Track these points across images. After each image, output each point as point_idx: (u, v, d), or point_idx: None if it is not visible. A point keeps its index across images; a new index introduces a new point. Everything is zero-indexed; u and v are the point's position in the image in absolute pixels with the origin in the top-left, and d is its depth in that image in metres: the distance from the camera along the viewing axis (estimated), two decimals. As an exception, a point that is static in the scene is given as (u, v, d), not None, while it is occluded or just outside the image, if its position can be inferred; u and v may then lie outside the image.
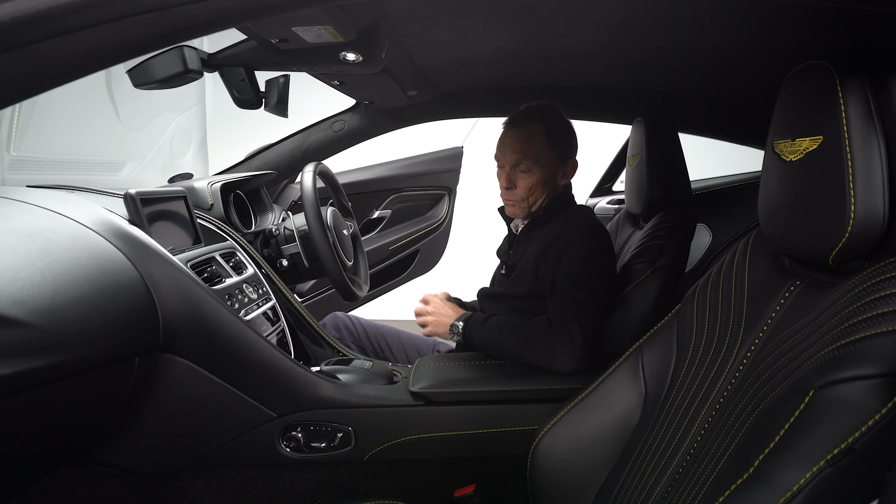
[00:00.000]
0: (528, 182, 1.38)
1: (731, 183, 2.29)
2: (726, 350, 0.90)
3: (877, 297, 0.65)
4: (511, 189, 1.40)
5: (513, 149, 1.38)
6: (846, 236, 0.71)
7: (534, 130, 1.38)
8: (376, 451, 1.21)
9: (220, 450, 1.16)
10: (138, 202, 1.13)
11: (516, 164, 1.39)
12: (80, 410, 0.92)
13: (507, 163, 1.40)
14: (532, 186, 1.38)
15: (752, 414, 0.76)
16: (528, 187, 1.39)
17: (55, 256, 0.85)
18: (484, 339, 1.32)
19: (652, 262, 1.41)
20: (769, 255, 0.92)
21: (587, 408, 1.06)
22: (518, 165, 1.38)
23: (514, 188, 1.40)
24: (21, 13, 0.46)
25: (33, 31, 0.47)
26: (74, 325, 0.81)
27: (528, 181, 1.38)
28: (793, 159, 0.78)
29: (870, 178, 0.70)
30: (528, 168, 1.38)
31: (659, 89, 1.74)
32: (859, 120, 0.70)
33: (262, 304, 1.34)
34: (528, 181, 1.38)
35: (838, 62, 0.73)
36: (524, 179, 1.38)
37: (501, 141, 1.42)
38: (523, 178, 1.39)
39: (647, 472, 0.93)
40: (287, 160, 1.96)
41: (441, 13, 1.13)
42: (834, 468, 0.59)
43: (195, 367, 1.06)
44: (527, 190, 1.39)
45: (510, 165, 1.40)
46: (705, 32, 1.19)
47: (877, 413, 0.59)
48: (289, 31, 1.01)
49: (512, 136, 1.40)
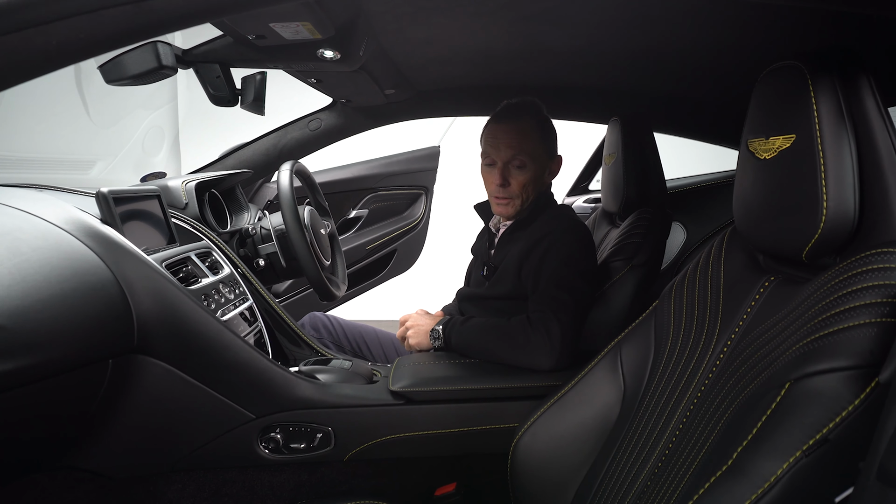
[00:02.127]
0: (523, 178, 1.36)
1: (704, 182, 2.34)
2: (703, 345, 0.91)
3: (848, 291, 0.67)
4: (505, 186, 1.37)
5: (508, 144, 1.35)
6: (819, 232, 0.72)
7: (527, 125, 1.36)
8: (356, 450, 1.20)
9: (197, 452, 1.14)
10: (111, 201, 1.10)
11: (510, 160, 1.36)
12: (53, 414, 0.89)
13: (501, 158, 1.36)
14: (526, 183, 1.36)
15: (729, 408, 0.77)
16: (522, 183, 1.36)
17: (24, 256, 0.83)
18: (463, 340, 1.31)
19: (629, 259, 1.43)
20: (744, 251, 0.94)
21: (567, 405, 1.06)
22: (513, 161, 1.36)
23: (507, 185, 1.37)
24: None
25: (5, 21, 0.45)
26: (46, 327, 0.79)
27: (522, 177, 1.36)
28: (766, 157, 0.80)
29: (841, 175, 0.71)
30: (523, 163, 1.35)
31: (635, 89, 1.76)
32: (831, 118, 0.72)
33: (238, 305, 1.32)
34: (523, 177, 1.36)
35: (810, 61, 0.74)
36: (519, 175, 1.36)
37: (493, 136, 1.38)
38: (518, 173, 1.36)
39: (626, 468, 0.94)
40: (263, 159, 1.94)
41: (418, 10, 1.13)
42: (810, 458, 0.60)
43: (171, 369, 1.04)
44: (521, 186, 1.37)
45: (504, 161, 1.36)
46: (680, 33, 1.21)
47: (850, 404, 0.61)
48: (266, 28, 1.00)
49: (505, 132, 1.36)
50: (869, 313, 0.64)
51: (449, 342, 1.34)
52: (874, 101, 0.72)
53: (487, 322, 1.31)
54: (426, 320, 1.42)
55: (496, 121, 1.40)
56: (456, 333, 1.32)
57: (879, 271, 0.66)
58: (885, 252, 0.67)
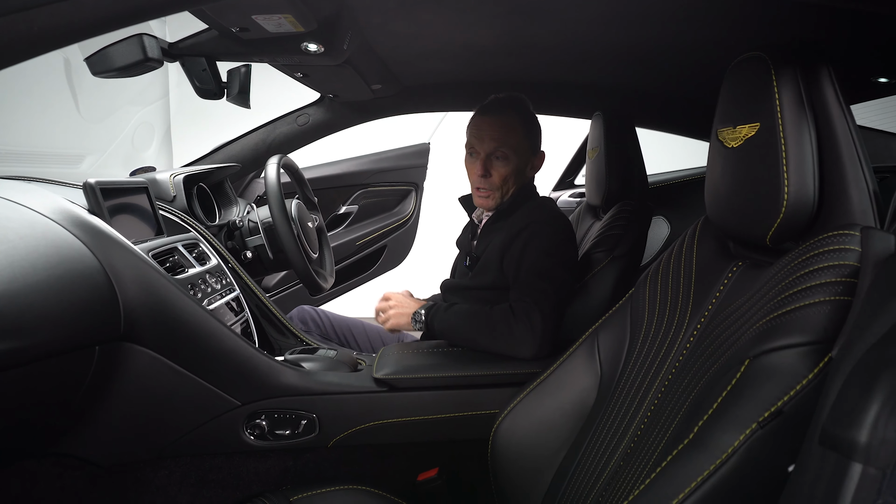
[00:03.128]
0: (505, 170, 1.40)
1: (689, 176, 2.37)
2: (675, 329, 0.94)
3: (805, 272, 0.70)
4: (486, 177, 1.40)
5: (491, 136, 1.39)
6: (780, 217, 0.75)
7: (511, 119, 1.40)
8: (341, 437, 1.22)
9: (183, 439, 1.16)
10: (98, 191, 1.12)
11: (493, 152, 1.39)
12: (41, 400, 0.91)
13: (484, 150, 1.40)
14: (507, 175, 1.40)
15: (696, 386, 0.80)
16: (503, 175, 1.40)
17: (12, 244, 0.84)
18: (446, 327, 1.34)
19: (610, 251, 1.46)
20: (715, 239, 0.97)
21: (545, 390, 1.09)
22: (495, 153, 1.39)
23: (489, 176, 1.40)
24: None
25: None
26: (33, 311, 0.81)
27: (504, 169, 1.40)
28: (734, 146, 0.83)
29: (802, 162, 0.74)
30: (505, 156, 1.39)
31: (617, 85, 1.79)
32: (792, 107, 0.75)
33: (225, 295, 1.34)
34: (505, 169, 1.40)
35: (774, 53, 0.77)
36: (500, 167, 1.40)
37: (477, 128, 1.42)
38: (499, 165, 1.40)
39: (602, 448, 0.96)
40: (252, 154, 1.96)
41: (402, 5, 1.15)
42: (765, 430, 0.63)
43: (157, 357, 1.06)
44: (502, 178, 1.40)
45: (486, 153, 1.40)
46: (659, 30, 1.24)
47: (804, 378, 0.64)
48: (249, 20, 1.02)
49: (490, 124, 1.40)
50: (824, 292, 0.67)
51: (431, 328, 1.36)
52: (833, 92, 0.75)
53: (470, 309, 1.33)
54: (410, 303, 1.45)
55: (482, 113, 1.43)
56: (439, 320, 1.35)
57: (835, 252, 0.69)
58: (841, 234, 0.70)
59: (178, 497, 1.21)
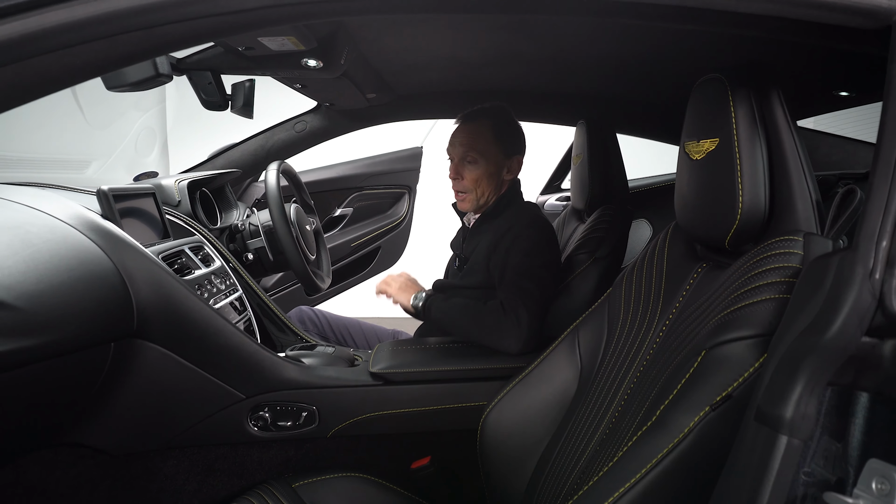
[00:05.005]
0: (474, 174, 1.50)
1: (670, 181, 2.46)
2: (647, 326, 1.02)
3: (755, 273, 0.78)
4: (458, 180, 1.52)
5: (461, 142, 1.51)
6: (736, 222, 0.84)
7: (481, 126, 1.50)
8: (339, 427, 1.30)
9: (190, 430, 1.23)
10: (111, 198, 1.19)
11: (464, 157, 1.51)
12: (60, 390, 0.97)
13: (456, 155, 1.52)
14: (478, 178, 1.50)
15: (661, 376, 0.88)
16: (474, 178, 1.50)
17: (36, 247, 0.91)
18: (442, 315, 1.43)
19: (592, 252, 1.54)
20: (684, 242, 1.05)
21: (530, 383, 1.17)
22: (465, 157, 1.50)
23: (461, 179, 1.52)
24: (31, 30, 0.55)
25: (41, 45, 0.56)
26: (57, 310, 0.88)
27: (474, 173, 1.50)
28: (698, 158, 0.91)
29: (754, 173, 0.83)
30: (474, 160, 1.50)
31: (599, 94, 1.87)
32: (746, 124, 0.83)
33: (229, 295, 1.41)
34: (475, 173, 1.50)
35: (730, 76, 0.86)
36: (470, 171, 1.50)
37: (452, 136, 1.54)
38: (469, 169, 1.50)
39: (581, 435, 1.05)
40: (251, 159, 2.03)
41: (393, 22, 1.23)
42: (716, 412, 0.71)
43: (167, 353, 1.12)
44: (473, 181, 1.51)
45: (458, 158, 1.52)
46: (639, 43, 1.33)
47: (751, 367, 0.72)
48: (254, 41, 1.10)
49: (461, 131, 1.52)
50: (770, 290, 0.75)
51: (428, 312, 1.46)
52: (782, 111, 0.84)
53: (466, 303, 1.42)
54: (412, 282, 1.57)
55: (456, 122, 1.56)
56: (437, 308, 1.44)
57: (781, 255, 0.77)
58: (787, 240, 0.79)
59: (185, 485, 1.28)
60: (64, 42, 0.57)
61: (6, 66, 0.55)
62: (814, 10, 0.63)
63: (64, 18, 0.55)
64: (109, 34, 0.58)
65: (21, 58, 0.55)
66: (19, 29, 0.54)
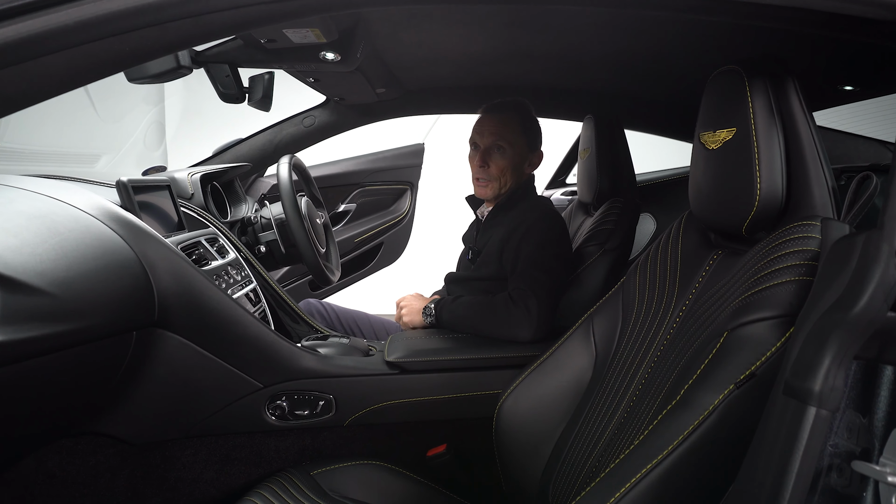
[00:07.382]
0: (502, 163, 1.53)
1: (673, 175, 2.49)
2: (663, 312, 1.05)
3: (775, 257, 0.81)
4: (484, 167, 1.54)
5: (491, 131, 1.53)
6: (754, 210, 0.86)
7: (510, 117, 1.54)
8: (355, 416, 1.32)
9: (209, 419, 1.24)
10: (130, 189, 1.20)
11: (491, 145, 1.53)
12: (84, 381, 0.98)
13: (484, 143, 1.54)
14: (504, 167, 1.53)
15: (681, 359, 0.91)
16: (500, 167, 1.53)
17: (63, 236, 0.92)
18: (452, 316, 1.45)
19: (601, 244, 1.56)
20: (698, 231, 1.08)
21: (545, 371, 1.19)
22: (494, 146, 1.53)
23: (487, 167, 1.54)
24: (86, 17, 0.56)
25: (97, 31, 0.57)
26: (87, 297, 0.89)
27: (501, 162, 1.53)
28: (714, 148, 0.93)
29: (771, 162, 0.85)
30: (502, 149, 1.53)
31: (606, 89, 1.90)
32: (763, 114, 0.86)
33: (244, 286, 1.42)
34: (502, 162, 1.53)
35: (747, 67, 0.88)
36: (498, 160, 1.53)
37: (480, 125, 1.56)
38: (497, 158, 1.53)
39: (598, 420, 1.07)
40: (259, 154, 2.04)
41: (411, 17, 1.25)
42: (740, 390, 0.74)
43: (186, 342, 1.14)
44: (499, 170, 1.54)
45: (486, 146, 1.54)
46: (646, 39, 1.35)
47: (773, 346, 0.75)
48: (278, 33, 1.11)
49: (490, 121, 1.55)
50: (790, 273, 0.78)
51: (440, 318, 1.47)
52: (798, 101, 0.86)
53: (474, 299, 1.44)
54: (419, 301, 1.56)
55: (485, 112, 1.58)
56: (446, 311, 1.46)
57: (800, 240, 0.80)
58: (804, 224, 0.81)
59: (203, 473, 1.29)
60: (117, 29, 0.58)
61: (62, 52, 0.57)
62: (836, 1, 0.65)
63: (121, 6, 0.56)
64: (161, 21, 0.60)
65: (77, 43, 0.57)
66: (76, 16, 0.56)
